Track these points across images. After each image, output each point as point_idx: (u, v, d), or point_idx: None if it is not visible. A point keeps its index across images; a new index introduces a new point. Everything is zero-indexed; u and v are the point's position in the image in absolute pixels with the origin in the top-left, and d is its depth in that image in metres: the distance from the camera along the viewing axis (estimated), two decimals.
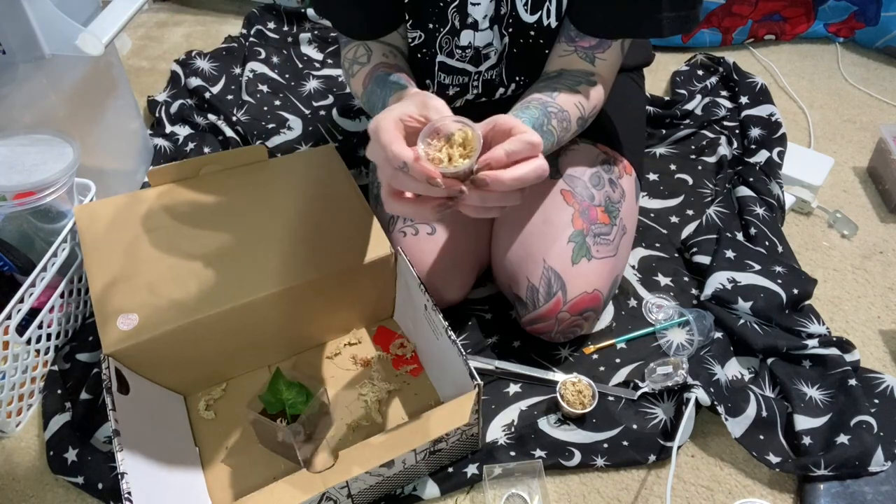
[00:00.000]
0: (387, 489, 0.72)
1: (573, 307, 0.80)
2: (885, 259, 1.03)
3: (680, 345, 0.88)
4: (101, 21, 0.89)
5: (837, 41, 1.50)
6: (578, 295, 0.79)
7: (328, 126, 1.27)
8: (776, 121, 1.19)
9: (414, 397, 0.82)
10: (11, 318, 0.77)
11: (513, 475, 0.76)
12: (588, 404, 0.78)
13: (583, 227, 0.81)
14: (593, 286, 0.80)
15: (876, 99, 1.35)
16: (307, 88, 1.37)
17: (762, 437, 0.78)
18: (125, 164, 1.12)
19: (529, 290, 0.81)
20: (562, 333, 0.83)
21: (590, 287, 0.80)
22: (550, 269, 0.80)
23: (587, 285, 0.79)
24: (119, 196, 0.85)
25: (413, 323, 0.85)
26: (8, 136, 0.89)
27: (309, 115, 1.30)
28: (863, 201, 1.13)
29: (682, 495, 0.76)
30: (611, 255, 0.82)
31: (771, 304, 0.89)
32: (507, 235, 0.85)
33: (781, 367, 0.85)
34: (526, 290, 0.81)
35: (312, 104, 1.32)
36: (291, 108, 1.31)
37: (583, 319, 0.82)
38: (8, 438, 0.81)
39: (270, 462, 0.76)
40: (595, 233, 0.82)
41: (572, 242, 0.80)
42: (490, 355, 0.87)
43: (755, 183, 1.08)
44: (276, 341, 0.83)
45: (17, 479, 0.78)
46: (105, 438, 0.80)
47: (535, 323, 0.83)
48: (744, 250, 0.96)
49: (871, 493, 0.73)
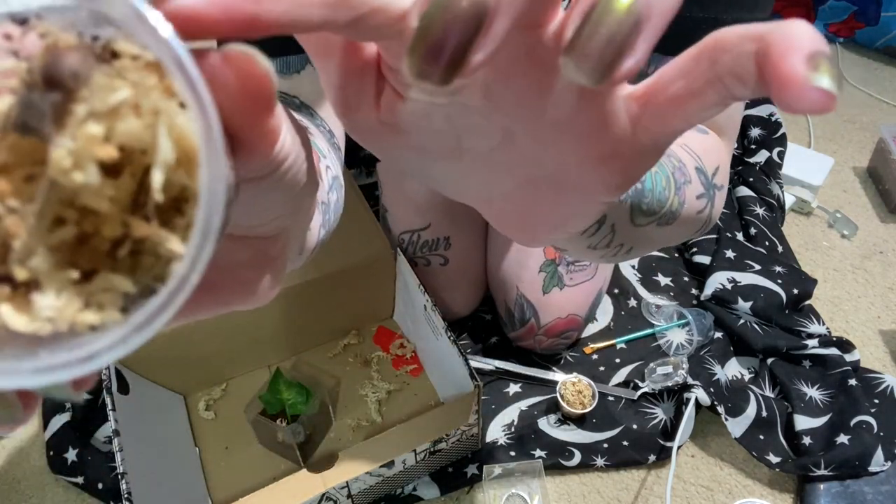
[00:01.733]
0: (387, 489, 0.72)
1: (548, 331, 0.81)
2: (885, 259, 1.03)
3: (680, 345, 0.88)
4: None
5: (837, 41, 1.50)
6: (551, 321, 0.80)
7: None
8: (776, 121, 1.19)
9: (414, 397, 0.82)
10: None
11: (513, 475, 0.75)
12: (588, 404, 0.78)
13: (555, 256, 0.81)
14: (567, 312, 0.80)
15: (876, 99, 1.35)
16: None
17: (762, 437, 0.78)
18: None
19: (507, 312, 0.83)
20: (547, 350, 0.85)
21: (563, 313, 0.80)
22: (522, 296, 0.81)
23: (560, 311, 0.80)
24: None
25: (413, 323, 0.85)
26: None
27: None
28: (863, 201, 1.13)
29: (682, 495, 0.76)
30: (587, 279, 0.82)
31: (771, 304, 0.89)
32: (492, 253, 0.86)
33: (781, 367, 0.85)
34: (504, 312, 0.84)
35: None
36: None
37: (564, 339, 0.83)
38: (8, 438, 0.81)
39: (270, 462, 0.76)
40: (568, 261, 0.81)
41: (543, 272, 0.80)
42: (490, 355, 0.87)
43: (755, 183, 1.08)
44: (276, 341, 0.83)
45: (17, 479, 0.78)
46: (105, 438, 0.80)
47: (517, 341, 0.86)
48: (744, 250, 0.96)
49: (871, 493, 0.73)
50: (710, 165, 0.43)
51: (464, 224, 0.86)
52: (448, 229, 0.85)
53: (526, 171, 0.23)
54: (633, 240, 0.36)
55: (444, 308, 0.85)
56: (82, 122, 0.11)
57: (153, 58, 0.12)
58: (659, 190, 0.35)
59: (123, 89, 0.11)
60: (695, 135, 0.44)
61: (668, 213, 0.36)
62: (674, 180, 0.37)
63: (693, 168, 0.40)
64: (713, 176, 0.42)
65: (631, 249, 0.37)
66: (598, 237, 0.33)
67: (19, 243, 0.11)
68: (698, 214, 0.40)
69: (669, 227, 0.38)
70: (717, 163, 0.43)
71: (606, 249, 0.35)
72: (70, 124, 0.11)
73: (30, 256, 0.11)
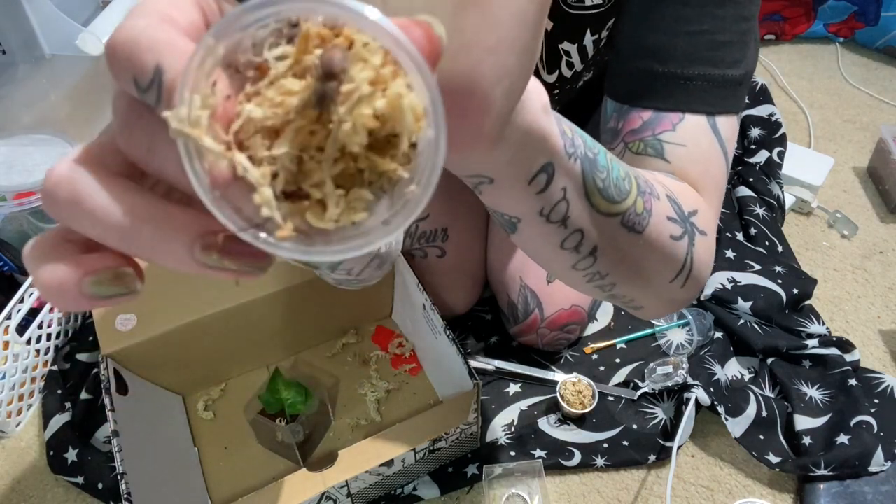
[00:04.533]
0: (386, 488, 0.72)
1: (551, 324, 0.80)
2: (885, 259, 1.03)
3: (680, 345, 0.88)
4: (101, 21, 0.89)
5: (837, 41, 1.50)
6: (555, 312, 0.80)
7: None
8: (776, 121, 1.19)
9: (413, 396, 0.82)
10: (11, 318, 0.77)
11: (513, 475, 0.75)
12: (588, 404, 0.78)
13: None
14: (571, 303, 0.80)
15: (876, 99, 1.35)
16: None
17: (762, 437, 0.78)
18: None
19: (509, 305, 0.83)
20: (549, 345, 0.84)
21: (567, 304, 0.80)
22: (526, 286, 0.80)
23: (564, 302, 0.80)
24: None
25: (412, 322, 0.85)
26: (8, 136, 0.89)
27: None
28: (863, 201, 1.13)
29: (682, 495, 0.75)
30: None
31: (771, 304, 0.89)
32: (494, 248, 0.86)
33: (781, 367, 0.85)
34: (507, 306, 0.83)
35: None
36: None
37: (566, 333, 0.82)
38: (8, 438, 0.81)
39: (270, 462, 0.76)
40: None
41: None
42: (490, 355, 0.87)
43: (755, 183, 1.08)
44: (275, 341, 0.83)
45: (17, 479, 0.78)
46: (105, 438, 0.80)
47: (519, 336, 0.85)
48: (744, 250, 0.96)
49: (871, 493, 0.73)
50: (686, 203, 0.42)
51: (463, 215, 0.86)
52: (446, 220, 0.85)
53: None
54: (597, 235, 0.35)
55: (442, 304, 0.85)
56: (356, 104, 0.17)
57: (380, 45, 0.18)
58: (616, 175, 0.35)
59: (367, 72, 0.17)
60: (666, 177, 0.43)
61: (631, 211, 0.36)
62: (636, 182, 0.37)
63: (663, 193, 0.40)
64: (690, 215, 0.42)
65: (596, 250, 0.36)
66: (548, 197, 0.32)
67: (316, 176, 0.18)
68: (673, 241, 0.39)
69: (640, 240, 0.37)
70: (693, 206, 0.42)
71: (563, 230, 0.34)
72: (346, 103, 0.17)
73: (322, 184, 0.18)
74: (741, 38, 0.46)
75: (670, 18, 0.45)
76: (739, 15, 0.45)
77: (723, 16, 0.45)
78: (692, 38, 0.45)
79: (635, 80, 0.47)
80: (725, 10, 0.45)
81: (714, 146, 0.45)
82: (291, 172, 0.18)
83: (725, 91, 0.45)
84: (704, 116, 0.45)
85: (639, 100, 0.46)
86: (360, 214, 0.19)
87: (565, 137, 0.32)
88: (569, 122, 0.33)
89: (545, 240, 0.35)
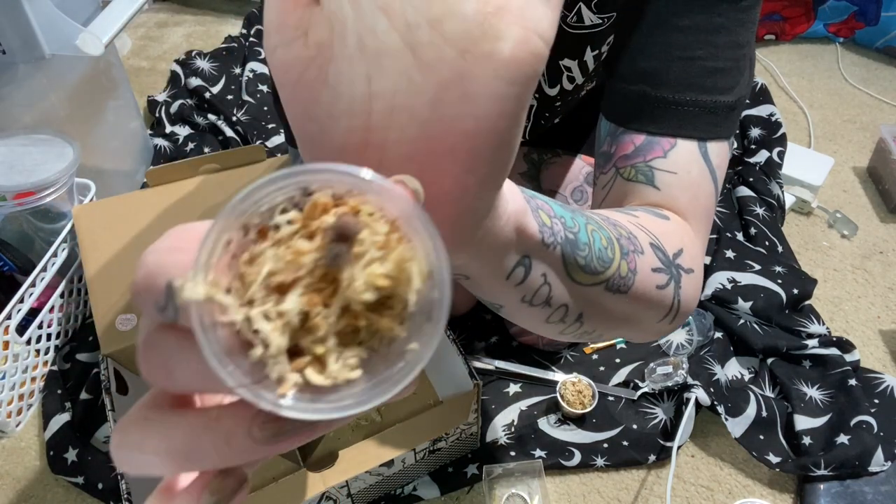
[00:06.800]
0: (386, 488, 0.72)
1: None
2: (885, 259, 1.03)
3: (680, 345, 0.88)
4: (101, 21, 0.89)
5: (837, 41, 1.50)
6: None
7: None
8: (776, 121, 1.19)
9: (413, 397, 0.82)
10: (11, 318, 0.77)
11: (513, 475, 0.75)
12: (588, 404, 0.78)
13: None
14: None
15: (876, 99, 1.35)
16: None
17: (762, 437, 0.78)
18: (125, 164, 1.12)
19: None
20: (549, 345, 0.85)
21: None
22: None
23: None
24: (118, 196, 0.85)
25: None
26: (8, 136, 0.89)
27: None
28: (863, 201, 1.13)
29: (682, 495, 0.75)
30: None
31: (771, 304, 0.89)
32: None
33: (781, 367, 0.85)
34: None
35: None
36: None
37: None
38: (8, 438, 0.81)
39: (270, 462, 0.75)
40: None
41: None
42: (490, 355, 0.87)
43: (755, 183, 1.08)
44: None
45: (17, 479, 0.78)
46: (105, 438, 0.80)
47: (519, 336, 0.86)
48: (744, 250, 0.96)
49: (871, 493, 0.73)
50: (670, 246, 0.42)
51: None
52: None
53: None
54: (582, 304, 0.36)
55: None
56: (367, 264, 0.18)
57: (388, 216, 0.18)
58: (598, 247, 0.35)
59: (377, 236, 0.18)
60: (652, 218, 0.43)
61: (615, 276, 0.36)
62: (619, 245, 0.36)
63: (647, 243, 0.39)
64: (675, 257, 0.41)
65: (582, 316, 0.37)
66: (528, 286, 0.32)
67: (321, 332, 0.18)
68: (659, 290, 0.39)
69: (625, 299, 0.38)
70: (678, 245, 0.42)
71: (548, 308, 0.35)
72: (357, 264, 0.18)
73: (326, 339, 0.18)
74: (735, 65, 0.46)
75: (665, 44, 0.46)
76: (734, 42, 0.46)
77: (717, 43, 0.45)
78: (685, 64, 0.45)
79: (629, 102, 0.47)
80: (719, 37, 0.45)
81: (704, 173, 0.46)
82: (293, 329, 0.18)
83: (717, 117, 0.46)
84: (696, 143, 0.46)
85: (631, 122, 0.47)
86: (355, 372, 0.19)
87: (544, 229, 0.31)
88: (549, 207, 0.32)
89: (531, 317, 0.36)
